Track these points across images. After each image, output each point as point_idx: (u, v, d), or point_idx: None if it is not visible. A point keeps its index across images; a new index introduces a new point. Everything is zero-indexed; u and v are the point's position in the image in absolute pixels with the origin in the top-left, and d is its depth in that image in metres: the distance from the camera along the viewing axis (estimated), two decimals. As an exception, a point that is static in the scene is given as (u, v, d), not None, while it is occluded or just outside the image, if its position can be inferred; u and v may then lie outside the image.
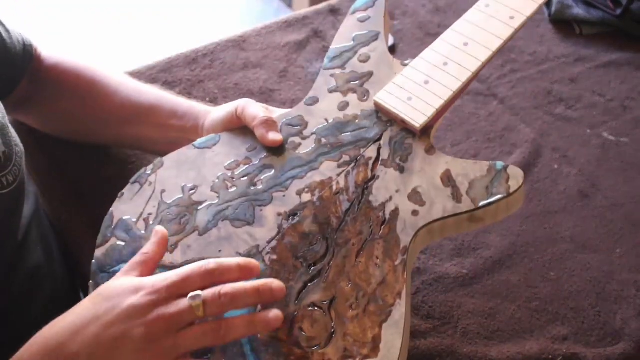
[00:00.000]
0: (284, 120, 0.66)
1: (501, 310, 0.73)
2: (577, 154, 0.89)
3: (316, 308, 0.55)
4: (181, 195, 0.62)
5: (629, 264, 0.77)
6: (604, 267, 0.77)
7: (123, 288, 0.51)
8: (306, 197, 0.61)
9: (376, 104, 0.66)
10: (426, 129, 0.64)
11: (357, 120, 0.65)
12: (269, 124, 0.64)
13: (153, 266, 0.55)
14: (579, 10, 1.06)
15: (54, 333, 0.50)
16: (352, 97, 0.67)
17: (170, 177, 0.63)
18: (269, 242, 0.59)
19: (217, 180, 0.63)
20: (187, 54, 0.97)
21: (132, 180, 0.64)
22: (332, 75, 0.69)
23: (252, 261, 0.54)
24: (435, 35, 1.03)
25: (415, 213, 0.59)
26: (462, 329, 0.70)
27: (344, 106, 0.67)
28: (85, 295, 0.54)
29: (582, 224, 0.81)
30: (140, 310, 0.49)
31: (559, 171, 0.87)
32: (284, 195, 0.61)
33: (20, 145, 0.65)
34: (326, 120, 0.66)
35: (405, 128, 0.64)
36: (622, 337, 0.71)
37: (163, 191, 0.63)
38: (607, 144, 0.91)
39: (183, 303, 0.49)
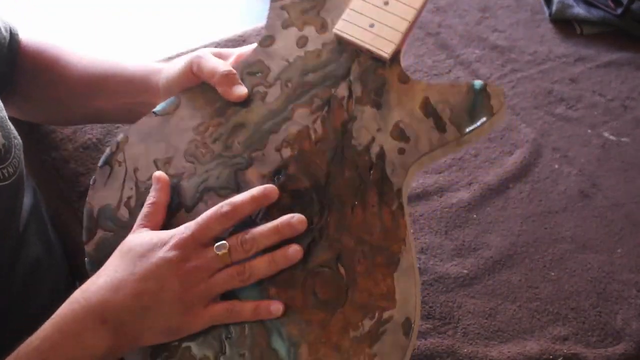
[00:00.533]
0: (244, 69, 0.61)
1: (501, 310, 0.72)
2: (578, 154, 0.89)
3: (325, 268, 0.54)
4: (155, 171, 0.59)
5: (630, 264, 0.77)
6: (604, 267, 0.77)
7: (151, 242, 0.53)
8: (286, 152, 0.57)
9: (337, 36, 0.60)
10: (395, 56, 0.59)
11: (320, 57, 0.60)
12: (230, 78, 0.60)
13: (163, 213, 0.57)
14: (579, 10, 1.06)
15: (94, 292, 0.52)
16: (309, 31, 0.62)
17: (140, 152, 0.60)
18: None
19: (189, 148, 0.59)
20: (186, 54, 0.97)
21: (99, 163, 0.61)
22: (282, 8, 0.63)
23: (266, 187, 0.55)
24: (436, 35, 1.03)
25: (401, 151, 0.56)
26: (463, 329, 0.70)
27: (303, 42, 0.61)
28: None
29: (582, 224, 0.81)
30: (172, 263, 0.52)
31: (559, 171, 0.87)
32: (263, 154, 0.58)
33: (19, 138, 0.64)
34: (287, 61, 0.61)
35: (374, 58, 0.59)
36: (622, 338, 0.71)
37: (136, 169, 0.60)
38: (608, 143, 0.91)
39: (211, 253, 0.52)
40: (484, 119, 0.56)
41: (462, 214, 0.81)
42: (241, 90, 0.60)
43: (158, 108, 0.62)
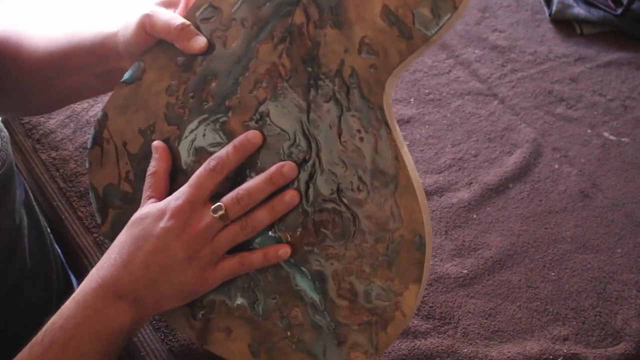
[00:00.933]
0: (197, 16, 0.59)
1: (501, 310, 0.72)
2: (578, 154, 0.89)
3: (328, 203, 0.55)
4: (144, 141, 0.60)
5: (630, 264, 0.77)
6: (604, 267, 0.77)
7: (152, 215, 0.54)
8: (261, 93, 0.57)
9: None
10: None
11: None
12: (187, 31, 0.58)
13: (165, 181, 0.58)
14: (579, 10, 1.06)
15: (107, 270, 0.54)
16: None
17: (123, 125, 0.60)
18: (251, 155, 0.57)
19: (167, 112, 0.59)
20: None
21: (88, 145, 0.62)
22: None
23: (248, 133, 0.56)
24: (436, 35, 1.03)
25: (373, 67, 0.54)
26: (463, 329, 0.70)
27: None
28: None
29: (582, 224, 0.81)
30: (174, 232, 0.53)
31: (559, 171, 0.87)
32: (239, 102, 0.57)
33: (5, 130, 0.64)
34: None
35: None
36: (622, 338, 0.71)
37: (125, 143, 0.60)
38: (608, 143, 0.91)
39: (208, 216, 0.53)
40: (449, 14, 0.52)
41: (462, 214, 0.81)
42: (201, 41, 0.58)
43: (125, 77, 0.61)
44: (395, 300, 0.54)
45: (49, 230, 0.77)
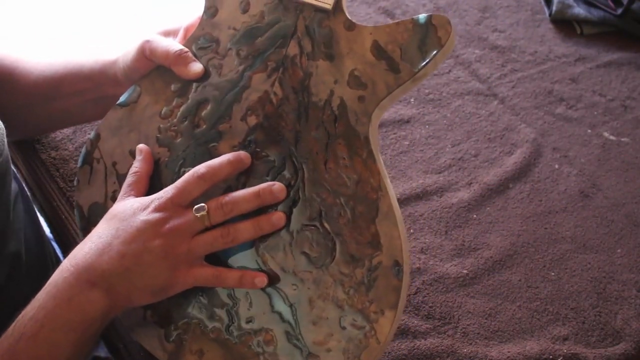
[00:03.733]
0: (195, 45, 0.62)
1: (501, 310, 0.72)
2: (578, 154, 0.89)
3: (309, 227, 0.56)
4: (133, 161, 0.61)
5: (630, 264, 0.77)
6: (604, 267, 0.77)
7: (132, 207, 0.55)
8: (252, 120, 0.59)
9: None
10: (337, 4, 0.58)
11: (265, 19, 0.60)
12: (184, 57, 0.60)
13: (146, 182, 0.59)
14: (579, 10, 1.06)
15: (81, 258, 0.54)
16: None
17: (114, 146, 0.62)
18: (237, 179, 0.58)
19: (159, 135, 0.61)
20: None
21: (78, 164, 0.63)
22: None
23: (241, 153, 0.57)
24: (436, 35, 1.03)
25: (361, 99, 0.57)
26: (462, 329, 0.70)
27: (245, 7, 0.61)
28: None
29: (582, 224, 0.81)
30: (154, 225, 0.54)
31: (559, 171, 0.87)
32: (230, 127, 0.59)
33: (1, 123, 0.65)
34: (234, 29, 0.61)
35: (317, 9, 0.59)
36: (622, 338, 0.71)
37: (115, 163, 0.62)
38: (608, 143, 0.91)
39: (190, 214, 0.54)
40: (435, 51, 0.56)
41: (462, 214, 0.81)
42: (197, 67, 0.61)
43: (121, 100, 0.63)
44: (370, 326, 0.53)
45: (49, 229, 0.77)
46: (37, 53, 0.73)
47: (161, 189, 0.58)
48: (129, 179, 0.58)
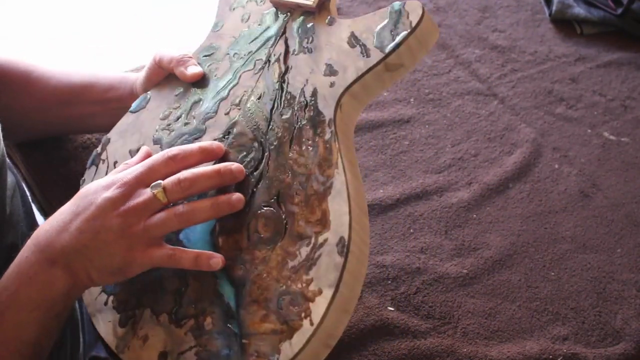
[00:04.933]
0: (200, 54, 0.67)
1: (501, 310, 0.72)
2: (578, 154, 0.89)
3: (266, 208, 0.56)
4: (130, 159, 0.62)
5: (630, 264, 0.77)
6: (604, 267, 0.77)
7: (97, 186, 0.55)
8: (234, 113, 0.62)
9: (272, 2, 0.66)
10: (323, 3, 0.63)
11: (259, 25, 0.66)
12: (185, 60, 0.65)
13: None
14: (579, 10, 1.06)
15: (43, 233, 0.55)
16: (251, 7, 0.68)
17: (118, 147, 0.65)
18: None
19: (156, 133, 0.64)
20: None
21: (87, 164, 0.66)
22: None
23: (214, 143, 0.58)
24: (436, 35, 1.03)
25: (332, 84, 0.59)
26: (462, 329, 0.70)
27: (246, 18, 0.67)
28: None
29: (582, 223, 0.81)
30: (113, 203, 0.53)
31: (559, 171, 0.87)
32: (215, 121, 0.62)
33: None
34: (234, 37, 0.67)
35: (305, 11, 0.64)
36: (622, 337, 0.71)
37: (115, 162, 0.64)
38: (608, 143, 0.91)
39: (147, 192, 0.54)
40: (404, 33, 0.57)
41: (462, 213, 0.81)
42: (195, 69, 0.65)
43: (133, 106, 0.67)
44: (305, 306, 0.51)
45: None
46: (58, 62, 0.77)
47: None
48: (119, 167, 0.58)
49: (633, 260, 0.78)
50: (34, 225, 0.73)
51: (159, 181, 0.54)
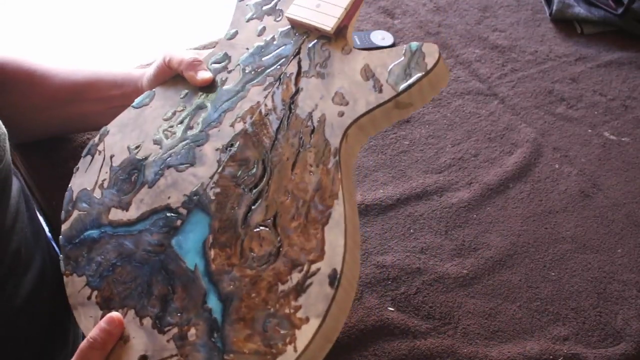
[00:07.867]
0: (210, 60, 0.67)
1: (502, 310, 0.72)
2: (578, 154, 0.89)
3: (262, 227, 0.56)
4: (128, 155, 0.64)
5: (630, 264, 0.77)
6: (605, 267, 0.77)
7: None
8: (239, 126, 0.62)
9: (289, 20, 0.66)
10: (341, 30, 0.64)
11: (275, 41, 0.66)
12: (195, 64, 0.65)
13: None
14: (580, 10, 1.06)
15: None
16: (268, 21, 0.68)
17: (116, 141, 0.65)
18: (211, 177, 0.60)
19: (157, 134, 0.65)
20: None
21: (83, 153, 0.66)
22: (247, 5, 0.70)
23: (109, 316, 0.57)
24: (436, 35, 1.03)
25: (340, 114, 0.59)
26: (463, 329, 0.70)
27: (261, 31, 0.68)
28: None
29: (583, 223, 0.81)
30: None
31: (560, 171, 0.86)
32: (218, 130, 0.63)
33: (3, 127, 0.65)
34: (247, 49, 0.67)
35: (322, 35, 0.65)
36: (623, 338, 0.71)
37: (112, 156, 0.65)
38: (608, 143, 0.90)
39: None
40: (419, 74, 0.58)
41: (462, 213, 0.81)
42: (205, 74, 0.65)
43: (136, 101, 0.68)
44: (291, 332, 0.52)
45: (48, 229, 0.77)
46: (62, 60, 0.77)
47: (142, 182, 0.62)
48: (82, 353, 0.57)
49: (634, 260, 0.78)
50: (38, 230, 0.73)
51: None
